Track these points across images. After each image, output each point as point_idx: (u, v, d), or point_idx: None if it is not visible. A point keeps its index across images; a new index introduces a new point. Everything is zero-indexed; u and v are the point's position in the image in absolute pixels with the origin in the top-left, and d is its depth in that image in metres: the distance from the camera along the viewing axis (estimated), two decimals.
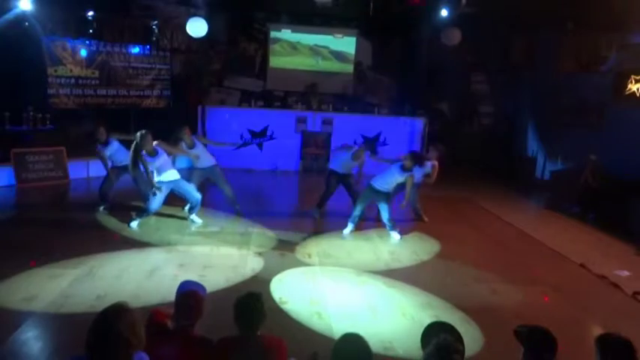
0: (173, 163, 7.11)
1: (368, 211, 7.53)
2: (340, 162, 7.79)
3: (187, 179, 7.29)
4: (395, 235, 7.14)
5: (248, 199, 8.59)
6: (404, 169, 6.84)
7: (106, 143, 7.34)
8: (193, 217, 7.26)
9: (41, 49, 9.79)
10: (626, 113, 9.04)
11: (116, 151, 7.43)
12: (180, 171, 7.19)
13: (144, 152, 6.49)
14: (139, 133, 6.42)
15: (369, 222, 7.71)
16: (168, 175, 6.78)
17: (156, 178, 6.67)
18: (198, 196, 7.08)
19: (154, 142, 6.58)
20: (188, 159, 7.75)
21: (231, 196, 7.77)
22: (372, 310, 4.87)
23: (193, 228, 7.11)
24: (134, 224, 6.82)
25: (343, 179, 7.82)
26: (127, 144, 7.09)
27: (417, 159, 7.02)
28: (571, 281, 6.05)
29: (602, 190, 8.60)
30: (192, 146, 7.36)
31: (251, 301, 2.78)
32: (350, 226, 7.25)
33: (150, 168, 6.60)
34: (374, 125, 12.12)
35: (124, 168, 7.11)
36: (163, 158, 6.70)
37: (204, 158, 7.50)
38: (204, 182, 7.78)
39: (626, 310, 5.35)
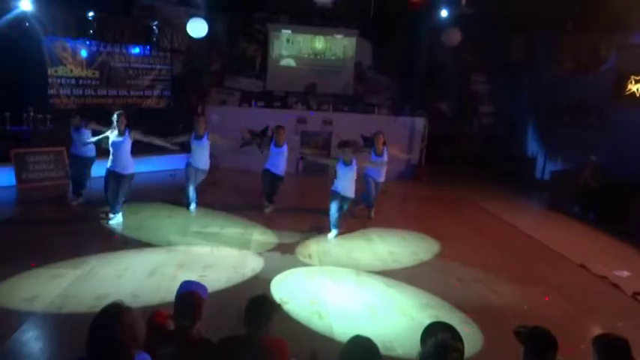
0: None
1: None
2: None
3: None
4: (331, 234, 7.07)
5: (248, 200, 8.60)
6: (345, 162, 6.97)
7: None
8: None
9: (41, 49, 9.80)
10: (626, 113, 9.05)
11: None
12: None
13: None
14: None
15: (368, 222, 7.72)
16: None
17: None
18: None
19: None
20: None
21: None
22: (371, 310, 4.88)
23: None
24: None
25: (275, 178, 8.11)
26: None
27: (343, 145, 7.20)
28: (571, 281, 6.06)
29: (602, 190, 8.60)
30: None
31: (265, 304, 2.78)
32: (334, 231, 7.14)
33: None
34: (374, 125, 12.11)
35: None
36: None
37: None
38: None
39: (626, 310, 5.36)
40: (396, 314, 4.85)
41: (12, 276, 5.01)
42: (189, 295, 2.79)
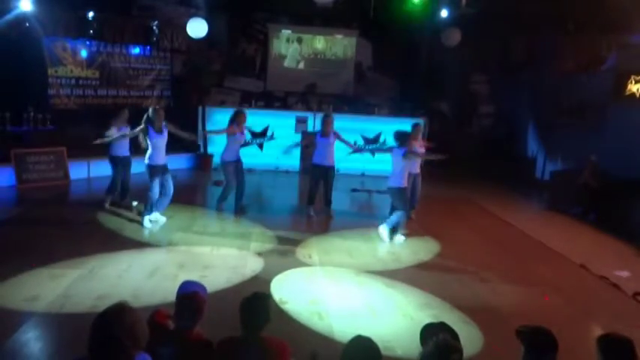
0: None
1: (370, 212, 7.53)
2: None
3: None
4: (399, 238, 7.07)
5: (248, 200, 8.59)
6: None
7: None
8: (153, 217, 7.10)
9: (42, 49, 9.81)
10: (626, 113, 9.04)
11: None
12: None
13: None
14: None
15: (368, 222, 7.71)
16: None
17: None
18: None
19: None
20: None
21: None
22: (371, 311, 4.88)
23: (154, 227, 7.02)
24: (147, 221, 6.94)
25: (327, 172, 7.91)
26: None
27: (402, 136, 7.03)
28: (571, 281, 6.06)
29: (602, 190, 8.60)
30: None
31: (257, 302, 2.78)
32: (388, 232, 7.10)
33: None
34: (374, 125, 12.13)
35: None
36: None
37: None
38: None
39: (626, 310, 5.36)
40: (395, 314, 4.85)
41: (12, 276, 5.01)
42: (190, 295, 2.79)
